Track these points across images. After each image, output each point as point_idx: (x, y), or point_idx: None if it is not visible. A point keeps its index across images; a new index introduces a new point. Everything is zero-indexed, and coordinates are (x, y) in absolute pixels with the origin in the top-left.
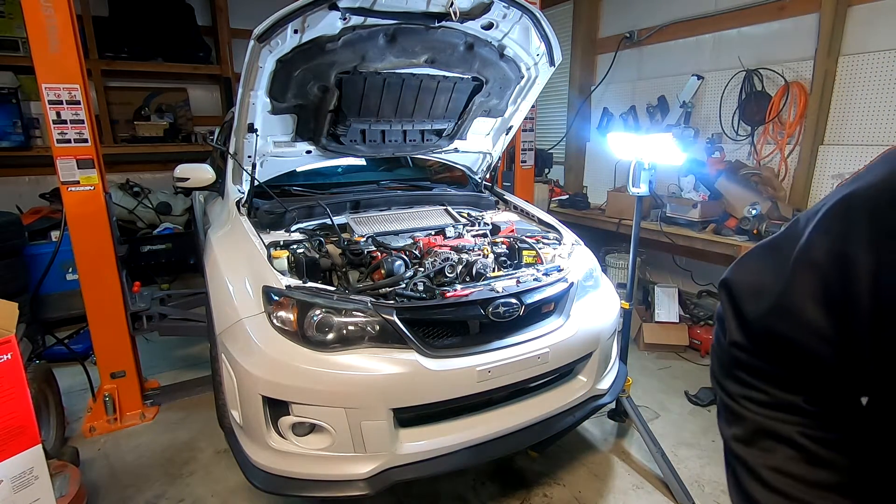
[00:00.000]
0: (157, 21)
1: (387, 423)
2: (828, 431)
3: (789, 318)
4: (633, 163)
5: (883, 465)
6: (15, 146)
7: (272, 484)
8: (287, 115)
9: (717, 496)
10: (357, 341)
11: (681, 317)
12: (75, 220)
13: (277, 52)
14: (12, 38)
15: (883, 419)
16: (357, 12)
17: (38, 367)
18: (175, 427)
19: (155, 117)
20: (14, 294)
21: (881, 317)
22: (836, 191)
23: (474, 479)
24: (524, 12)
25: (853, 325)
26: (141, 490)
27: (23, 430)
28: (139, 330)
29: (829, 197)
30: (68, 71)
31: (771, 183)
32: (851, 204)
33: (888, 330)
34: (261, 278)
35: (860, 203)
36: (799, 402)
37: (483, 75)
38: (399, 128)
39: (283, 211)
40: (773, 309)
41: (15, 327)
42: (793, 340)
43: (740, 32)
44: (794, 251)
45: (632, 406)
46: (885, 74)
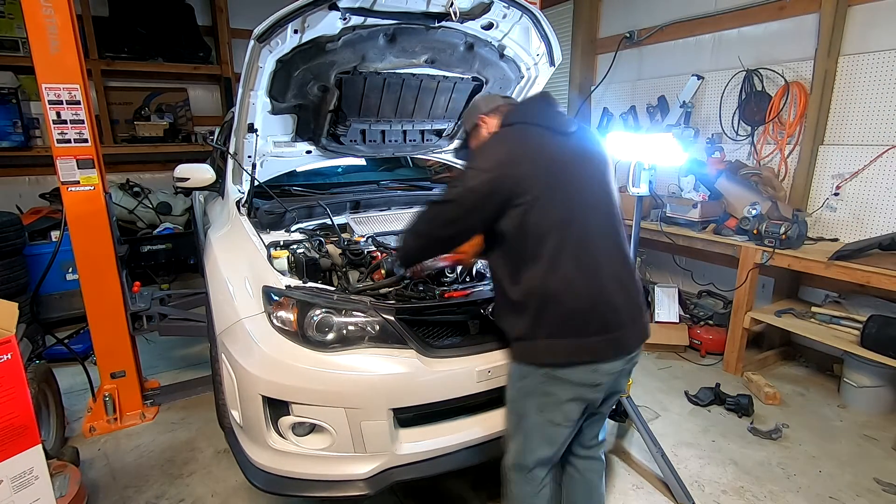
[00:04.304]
0: (157, 21)
1: (387, 423)
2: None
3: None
4: (633, 163)
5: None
6: (15, 146)
7: (272, 484)
8: (287, 115)
9: (717, 496)
10: (357, 341)
11: (681, 317)
12: (75, 220)
13: (277, 52)
14: (12, 38)
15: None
16: (357, 12)
17: (38, 367)
18: (175, 427)
19: (155, 117)
20: (14, 294)
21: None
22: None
23: (474, 479)
24: (524, 12)
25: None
26: (141, 490)
27: (23, 430)
28: (139, 330)
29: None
30: (68, 71)
31: (771, 183)
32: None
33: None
34: (261, 278)
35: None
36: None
37: (483, 75)
38: (399, 128)
39: (283, 211)
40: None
41: (15, 327)
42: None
43: (740, 32)
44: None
45: (632, 406)
46: (885, 74)
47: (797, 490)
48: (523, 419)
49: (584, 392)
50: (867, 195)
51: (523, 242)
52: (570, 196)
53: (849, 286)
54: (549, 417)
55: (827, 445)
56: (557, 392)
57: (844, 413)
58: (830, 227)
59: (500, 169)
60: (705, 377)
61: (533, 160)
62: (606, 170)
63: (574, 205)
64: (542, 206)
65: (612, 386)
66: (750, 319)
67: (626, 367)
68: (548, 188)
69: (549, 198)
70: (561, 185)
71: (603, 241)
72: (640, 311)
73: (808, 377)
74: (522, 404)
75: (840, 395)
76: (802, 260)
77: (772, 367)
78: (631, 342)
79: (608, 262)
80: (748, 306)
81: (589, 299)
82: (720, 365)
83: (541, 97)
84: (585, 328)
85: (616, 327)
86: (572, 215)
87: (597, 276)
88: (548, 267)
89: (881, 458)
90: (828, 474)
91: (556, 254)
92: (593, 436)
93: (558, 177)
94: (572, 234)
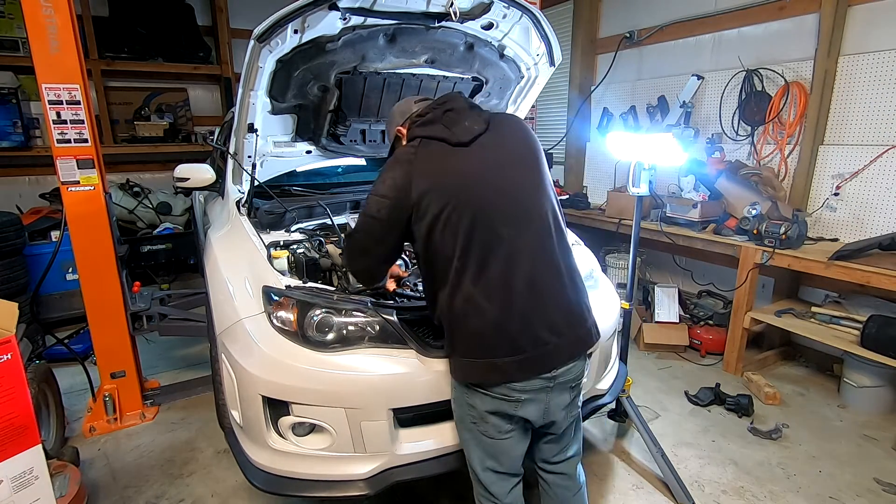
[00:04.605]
0: (157, 21)
1: (387, 424)
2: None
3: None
4: (633, 163)
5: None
6: (15, 146)
7: (272, 484)
8: (287, 115)
9: (717, 496)
10: (357, 341)
11: (681, 317)
12: (75, 220)
13: (277, 52)
14: (12, 38)
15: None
16: (357, 12)
17: (38, 367)
18: (175, 427)
19: (155, 117)
20: (14, 294)
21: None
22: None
23: None
24: (524, 12)
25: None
26: (141, 490)
27: (23, 430)
28: (139, 330)
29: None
30: (68, 71)
31: (771, 183)
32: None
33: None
34: (261, 278)
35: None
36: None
37: (483, 75)
38: None
39: (283, 211)
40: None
41: (15, 327)
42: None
43: (740, 32)
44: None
45: (632, 406)
46: (885, 74)
47: (797, 490)
48: (463, 432)
49: (503, 406)
50: (867, 195)
51: (431, 265)
52: (474, 214)
53: (849, 286)
54: (480, 429)
55: (827, 445)
56: (478, 405)
57: (844, 413)
58: (830, 227)
59: (395, 193)
60: (705, 377)
61: (427, 181)
62: (526, 168)
63: (478, 223)
64: (440, 229)
65: (544, 405)
66: (750, 319)
67: (551, 385)
68: (446, 209)
69: (446, 220)
70: (461, 205)
71: (524, 255)
72: (579, 319)
73: (808, 377)
74: (458, 416)
75: (840, 395)
76: (802, 260)
77: (772, 367)
78: (557, 357)
79: (529, 278)
80: (748, 306)
81: (494, 320)
82: (720, 365)
83: (442, 102)
84: (493, 349)
85: (533, 345)
86: (475, 235)
87: (506, 296)
88: (451, 288)
89: (881, 458)
90: (828, 474)
91: (458, 276)
92: (556, 453)
93: (457, 196)
94: (475, 254)
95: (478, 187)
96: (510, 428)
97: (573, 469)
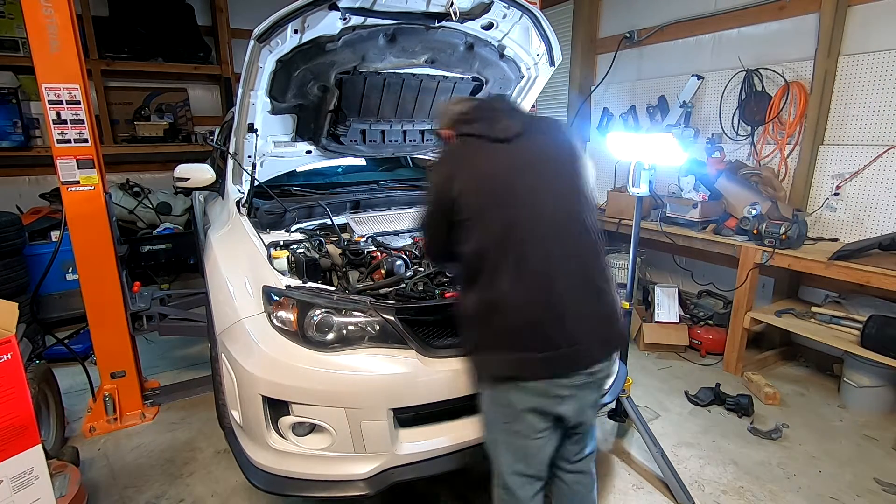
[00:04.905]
0: (157, 21)
1: (387, 423)
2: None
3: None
4: (633, 163)
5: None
6: (15, 146)
7: (272, 484)
8: (287, 115)
9: (717, 496)
10: (357, 341)
11: (681, 317)
12: (75, 220)
13: (277, 52)
14: (12, 38)
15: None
16: (357, 12)
17: (38, 367)
18: (175, 427)
19: (155, 117)
20: (14, 294)
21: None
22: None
23: (474, 480)
24: (524, 12)
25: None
26: (141, 490)
27: (23, 430)
28: (139, 330)
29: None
30: (68, 71)
31: (771, 183)
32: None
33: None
34: (261, 278)
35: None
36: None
37: (483, 75)
38: (399, 128)
39: (283, 211)
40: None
41: (15, 327)
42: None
43: (740, 32)
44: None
45: (632, 406)
46: (885, 74)
47: (797, 490)
48: (493, 433)
49: (544, 403)
50: (867, 195)
51: (469, 258)
52: (512, 210)
53: (849, 286)
54: (514, 429)
55: (827, 445)
56: (515, 402)
57: (844, 413)
58: (830, 227)
59: (440, 188)
60: (705, 377)
61: (468, 177)
62: (564, 169)
63: (516, 219)
64: (480, 223)
65: (581, 402)
66: (750, 319)
67: (589, 381)
68: (484, 205)
69: (486, 214)
70: (500, 201)
71: (557, 252)
72: (607, 321)
73: (808, 377)
74: (490, 418)
75: (840, 395)
76: (802, 260)
77: (772, 367)
78: (589, 356)
79: (562, 275)
80: (748, 306)
81: (529, 316)
82: (720, 365)
83: (485, 103)
84: (526, 344)
85: (566, 342)
86: (513, 231)
87: (541, 292)
88: (488, 283)
89: (881, 458)
90: (828, 474)
91: (495, 270)
92: (576, 452)
93: (496, 192)
94: (512, 249)
95: (516, 183)
96: (544, 427)
97: (590, 466)
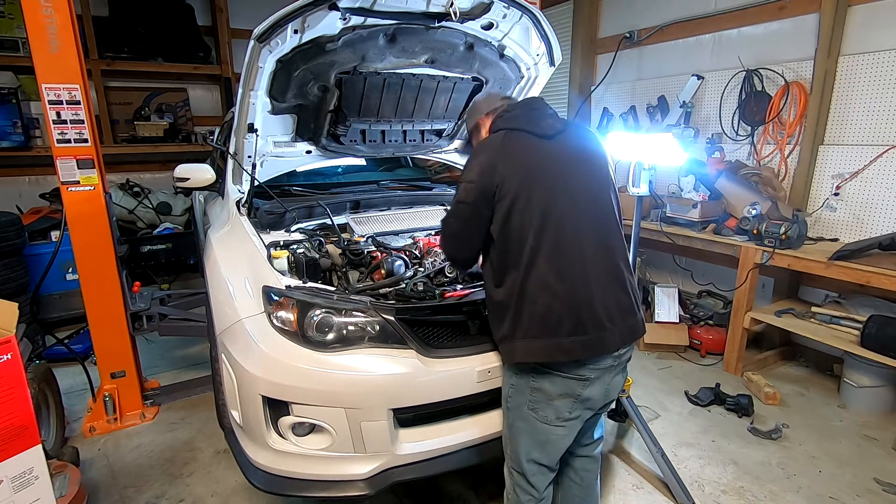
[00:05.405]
0: (157, 21)
1: (386, 424)
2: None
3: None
4: (633, 163)
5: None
6: (15, 146)
7: (272, 484)
8: (287, 115)
9: (717, 496)
10: (357, 341)
11: (681, 317)
12: (75, 220)
13: (277, 52)
14: (12, 38)
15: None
16: (357, 12)
17: (38, 367)
18: (175, 427)
19: (155, 117)
20: (14, 294)
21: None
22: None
23: (474, 479)
24: (524, 12)
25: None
26: (141, 490)
27: (23, 430)
28: (139, 330)
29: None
30: (68, 71)
31: (771, 183)
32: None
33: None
34: (261, 278)
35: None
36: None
37: (483, 75)
38: (399, 128)
39: (283, 211)
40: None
41: (15, 327)
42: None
43: (740, 32)
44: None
45: (632, 406)
46: (885, 74)
47: (797, 490)
48: (516, 420)
49: (572, 386)
50: (867, 195)
51: (506, 245)
52: (551, 198)
53: (849, 286)
54: (539, 416)
55: (827, 445)
56: (547, 388)
57: (844, 413)
58: (830, 227)
59: (481, 178)
60: (705, 377)
61: (511, 165)
62: (598, 169)
63: (554, 207)
64: (520, 210)
65: (606, 385)
66: (750, 319)
67: (614, 364)
68: (525, 192)
69: (526, 201)
70: (540, 189)
71: (589, 242)
72: (629, 311)
73: (808, 377)
74: (514, 404)
75: (840, 395)
76: (802, 260)
77: (772, 367)
78: (613, 341)
79: (592, 263)
80: (748, 306)
81: (563, 301)
82: (720, 365)
83: (528, 101)
84: (559, 329)
85: (595, 328)
86: (551, 218)
87: (575, 277)
88: (525, 269)
89: (881, 458)
90: (828, 474)
91: (532, 256)
92: (588, 436)
93: (538, 180)
94: (549, 236)
95: (557, 175)
96: (569, 415)
97: (598, 452)
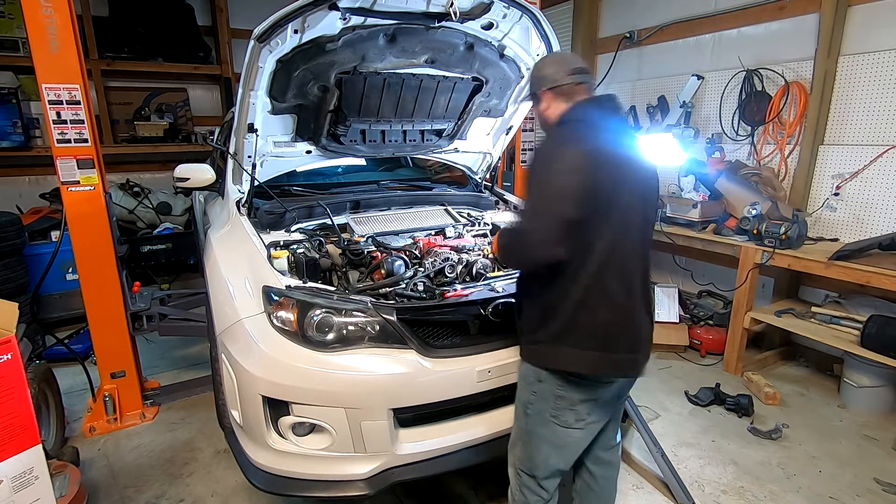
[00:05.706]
0: (157, 21)
1: (387, 423)
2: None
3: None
4: None
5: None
6: (15, 146)
7: (272, 484)
8: (287, 115)
9: (717, 496)
10: (357, 341)
11: (681, 317)
12: (75, 220)
13: (277, 52)
14: (12, 38)
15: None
16: (357, 12)
17: (38, 367)
18: (175, 427)
19: (155, 117)
20: (14, 294)
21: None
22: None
23: (474, 479)
24: (524, 12)
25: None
26: (141, 490)
27: (23, 430)
28: (139, 330)
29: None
30: (68, 71)
31: (771, 183)
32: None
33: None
34: (261, 278)
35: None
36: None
37: (483, 75)
38: (399, 128)
39: (283, 211)
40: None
41: (15, 327)
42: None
43: (740, 32)
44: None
45: (632, 406)
46: (885, 74)
47: (797, 490)
48: (537, 427)
49: (598, 391)
50: (867, 195)
51: (575, 249)
52: (622, 214)
53: (849, 286)
54: (559, 420)
55: (827, 445)
56: (572, 395)
57: (844, 413)
58: (830, 227)
59: (577, 175)
60: (705, 377)
61: (604, 174)
62: (653, 191)
63: (623, 223)
64: (599, 220)
65: (619, 387)
66: (750, 319)
67: (631, 381)
68: (608, 204)
69: (606, 213)
70: (617, 203)
71: (637, 263)
72: (650, 336)
73: (808, 377)
74: (535, 408)
75: (840, 395)
76: (802, 260)
77: (772, 367)
78: (639, 365)
79: (640, 283)
80: (748, 306)
81: (622, 317)
82: (720, 365)
83: (612, 103)
84: (614, 344)
85: (637, 348)
86: (620, 233)
87: (631, 295)
88: (591, 278)
89: (881, 458)
90: (828, 474)
91: (601, 267)
92: (611, 437)
93: (619, 194)
94: (617, 251)
95: (630, 191)
96: (588, 416)
97: (619, 456)
